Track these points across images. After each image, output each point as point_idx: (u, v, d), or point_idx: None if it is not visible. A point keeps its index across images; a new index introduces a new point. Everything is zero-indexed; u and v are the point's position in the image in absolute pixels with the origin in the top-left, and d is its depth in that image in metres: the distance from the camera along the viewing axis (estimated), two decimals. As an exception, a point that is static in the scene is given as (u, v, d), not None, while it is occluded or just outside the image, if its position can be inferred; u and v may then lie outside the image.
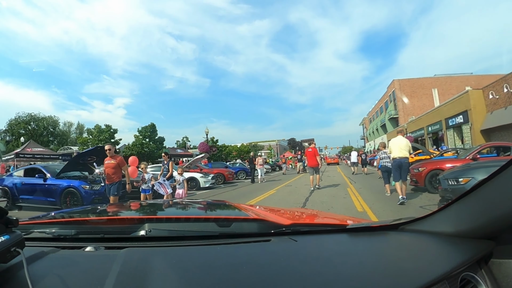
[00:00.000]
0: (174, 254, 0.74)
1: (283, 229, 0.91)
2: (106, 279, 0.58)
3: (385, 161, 7.54)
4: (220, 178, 14.49)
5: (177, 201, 2.37)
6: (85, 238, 0.89)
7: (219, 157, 32.70)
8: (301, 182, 12.77)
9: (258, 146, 44.65)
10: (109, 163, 6.02)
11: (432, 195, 6.90)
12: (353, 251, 0.80)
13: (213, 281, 0.61)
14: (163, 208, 1.57)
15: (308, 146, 10.30)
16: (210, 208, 1.62)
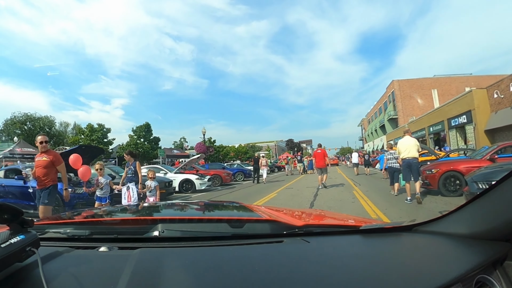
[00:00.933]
0: (187, 255, 0.74)
1: (295, 230, 0.90)
2: (120, 279, 0.58)
3: (391, 162, 7.54)
4: (217, 179, 13.84)
5: (190, 201, 2.30)
6: (99, 238, 0.89)
7: (216, 158, 32.07)
8: (303, 184, 12.18)
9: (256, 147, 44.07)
10: (40, 161, 4.29)
11: (446, 199, 6.43)
12: (366, 252, 0.78)
13: (225, 282, 0.60)
14: (176, 209, 1.58)
15: (317, 148, 10.63)
16: (222, 208, 1.62)
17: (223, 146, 33.30)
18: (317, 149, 10.36)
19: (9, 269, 0.58)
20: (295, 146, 54.18)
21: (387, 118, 40.12)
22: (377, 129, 45.97)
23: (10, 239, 0.59)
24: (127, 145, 24.15)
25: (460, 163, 7.36)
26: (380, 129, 44.79)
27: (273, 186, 12.35)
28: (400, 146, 6.46)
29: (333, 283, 0.60)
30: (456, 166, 7.22)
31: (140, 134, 24.17)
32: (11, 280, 0.58)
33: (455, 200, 6.15)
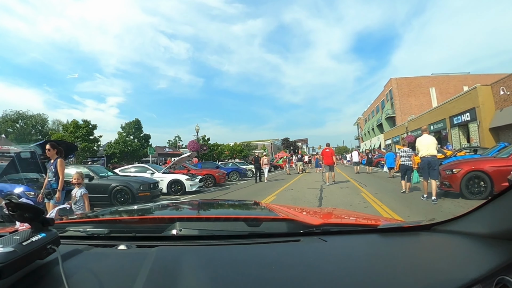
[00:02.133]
0: (204, 253, 0.74)
1: (313, 229, 0.89)
2: (137, 276, 0.59)
3: (404, 159, 7.52)
4: (210, 180, 12.83)
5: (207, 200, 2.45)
6: (118, 236, 0.90)
7: (210, 156, 31.00)
8: (304, 185, 11.23)
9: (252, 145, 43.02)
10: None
11: (470, 202, 5.72)
12: (384, 252, 0.77)
13: (242, 280, 0.60)
14: (193, 208, 1.59)
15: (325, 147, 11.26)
16: (239, 207, 1.65)
17: (217, 144, 32.14)
18: (325, 148, 10.94)
19: (31, 266, 0.60)
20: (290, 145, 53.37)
21: (384, 117, 39.56)
22: (374, 128, 45.44)
23: (32, 237, 0.61)
24: (115, 142, 22.85)
25: (485, 162, 6.51)
26: (377, 128, 44.26)
27: (272, 187, 11.40)
28: (419, 144, 6.27)
29: (350, 282, 0.59)
30: (480, 165, 6.36)
31: (129, 131, 22.85)
32: (32, 276, 0.59)
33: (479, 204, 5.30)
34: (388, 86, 39.71)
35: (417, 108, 34.79)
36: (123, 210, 1.52)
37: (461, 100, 18.90)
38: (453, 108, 19.72)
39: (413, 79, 37.52)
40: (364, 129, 54.39)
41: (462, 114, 18.64)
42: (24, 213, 0.63)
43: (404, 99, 37.21)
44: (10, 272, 0.54)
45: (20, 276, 0.57)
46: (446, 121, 20.70)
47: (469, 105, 17.96)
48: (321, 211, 1.48)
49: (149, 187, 8.44)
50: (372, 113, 48.97)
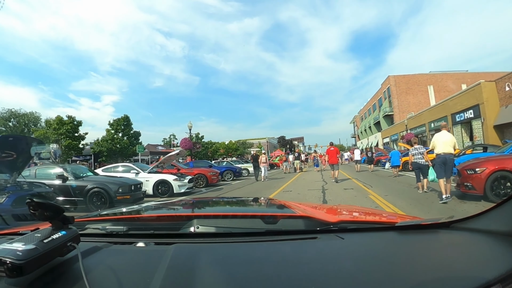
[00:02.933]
0: (221, 251, 0.74)
1: (330, 227, 0.89)
2: (155, 273, 0.59)
3: (417, 157, 7.19)
4: (202, 180, 11.89)
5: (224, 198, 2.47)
6: (136, 234, 0.91)
7: (204, 155, 30.03)
8: (303, 185, 10.35)
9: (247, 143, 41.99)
10: None
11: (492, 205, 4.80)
12: (402, 250, 0.77)
13: (259, 277, 0.60)
14: (210, 205, 1.62)
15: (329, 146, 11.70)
16: (256, 205, 1.63)
17: (211, 142, 31.08)
18: (330, 147, 11.31)
19: (51, 262, 0.61)
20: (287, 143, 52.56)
21: (382, 115, 39.01)
22: (371, 126, 44.90)
23: (52, 235, 0.62)
24: (103, 140, 21.63)
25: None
26: (374, 126, 43.74)
27: (269, 187, 10.51)
28: (436, 140, 5.96)
29: (368, 280, 0.58)
30: (508, 164, 5.56)
31: (117, 128, 21.63)
32: (53, 272, 0.61)
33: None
34: (385, 84, 39.15)
35: (415, 106, 34.31)
36: (142, 207, 1.55)
37: (464, 97, 18.25)
38: (455, 105, 19.08)
39: (411, 77, 37.03)
40: (361, 127, 53.88)
41: (465, 111, 18.00)
42: (45, 211, 0.65)
43: (402, 96, 36.69)
44: (32, 268, 0.55)
45: (41, 273, 0.59)
46: (448, 118, 20.05)
47: (473, 102, 17.32)
48: (337, 208, 1.48)
49: (129, 189, 7.47)
50: (369, 111, 48.46)
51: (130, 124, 22.05)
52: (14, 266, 0.52)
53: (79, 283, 0.56)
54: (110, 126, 21.73)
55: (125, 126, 21.67)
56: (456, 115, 19.00)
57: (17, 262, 0.52)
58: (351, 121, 65.50)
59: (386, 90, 38.97)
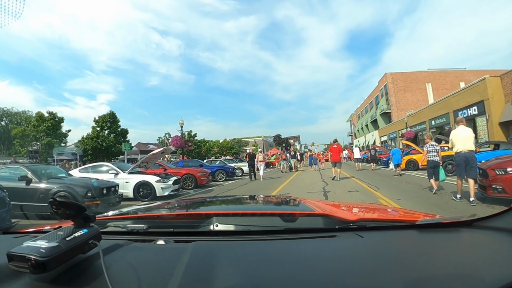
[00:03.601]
0: (240, 248, 0.74)
1: (349, 225, 0.88)
2: (175, 270, 0.60)
3: (432, 155, 6.75)
4: (191, 180, 10.86)
5: (243, 196, 2.41)
6: (156, 232, 0.92)
7: (198, 153, 28.95)
8: (302, 187, 9.40)
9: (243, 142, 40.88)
10: None
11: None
12: (423, 248, 0.74)
13: (278, 275, 0.60)
14: (229, 203, 1.61)
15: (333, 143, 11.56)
16: (275, 203, 1.65)
17: (205, 140, 29.95)
18: (333, 145, 11.19)
19: (74, 259, 0.62)
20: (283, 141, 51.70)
21: (379, 113, 38.35)
22: (368, 124, 44.28)
23: (74, 233, 0.63)
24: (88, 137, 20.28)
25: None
26: (371, 124, 43.12)
27: (264, 189, 9.54)
28: (454, 137, 5.53)
29: (388, 279, 0.57)
30: (547, 164, 4.70)
31: (102, 125, 20.34)
32: (75, 269, 0.62)
33: None
34: (383, 81, 38.49)
35: (413, 104, 33.73)
36: (162, 206, 1.54)
37: (467, 93, 17.51)
38: (458, 102, 18.35)
39: (409, 74, 36.43)
40: (357, 125, 53.28)
41: (469, 108, 17.27)
42: (67, 210, 0.66)
43: (400, 94, 36.08)
44: (55, 265, 0.56)
45: (64, 269, 0.60)
46: (450, 115, 19.35)
47: (477, 98, 16.59)
48: (356, 206, 1.47)
49: (100, 192, 6.41)
50: (365, 109, 47.84)
51: (116, 121, 20.75)
52: (38, 263, 0.53)
53: (100, 279, 0.57)
54: (95, 123, 20.45)
55: (111, 123, 20.39)
56: (459, 112, 18.25)
57: (41, 259, 0.54)
58: (348, 120, 64.93)
59: (383, 87, 38.32)
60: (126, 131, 21.37)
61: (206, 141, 30.06)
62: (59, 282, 0.58)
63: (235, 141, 38.54)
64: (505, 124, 15.22)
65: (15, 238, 0.88)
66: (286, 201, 1.62)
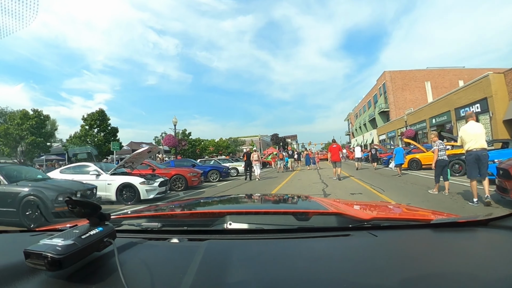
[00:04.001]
0: (253, 247, 0.74)
1: (363, 224, 0.88)
2: (188, 268, 0.60)
3: (442, 153, 6.40)
4: (181, 182, 10.15)
5: (256, 194, 2.44)
6: (170, 230, 0.92)
7: (192, 153, 28.17)
8: (300, 188, 8.73)
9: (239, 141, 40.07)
10: None
11: None
12: (438, 248, 0.73)
13: (291, 274, 0.59)
14: (243, 202, 1.64)
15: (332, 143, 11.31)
16: (288, 201, 1.63)
17: (200, 139, 29.16)
18: (333, 144, 10.94)
19: (89, 257, 0.63)
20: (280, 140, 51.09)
21: (378, 111, 37.88)
22: (366, 123, 43.83)
23: (90, 231, 0.64)
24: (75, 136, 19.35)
25: None
26: (369, 123, 42.67)
27: (259, 191, 8.85)
28: (465, 134, 5.07)
29: (400, 278, 0.56)
30: None
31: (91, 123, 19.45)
32: (90, 267, 0.63)
33: None
34: (381, 80, 38.02)
35: (412, 102, 33.31)
36: (176, 204, 1.56)
37: (470, 90, 16.98)
38: (460, 99, 17.84)
39: (408, 73, 36.00)
40: (355, 124, 52.84)
41: (471, 105, 16.74)
42: (83, 209, 0.67)
43: (398, 93, 35.63)
44: (71, 262, 0.57)
45: (79, 266, 0.61)
46: (451, 113, 18.84)
47: (480, 95, 16.07)
48: (370, 204, 1.45)
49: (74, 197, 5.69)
50: (363, 108, 47.40)
51: (106, 119, 19.86)
52: (54, 260, 0.54)
53: (114, 276, 0.57)
54: (84, 121, 19.58)
55: (101, 121, 19.52)
56: (461, 110, 17.75)
57: (57, 256, 0.54)
58: (345, 119, 64.53)
59: (381, 86, 37.85)
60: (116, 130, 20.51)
61: (201, 140, 29.27)
62: (75, 279, 0.58)
63: (232, 140, 37.77)
64: (509, 122, 14.72)
65: (32, 236, 0.91)
66: (299, 199, 1.62)
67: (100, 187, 7.25)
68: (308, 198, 1.55)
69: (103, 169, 8.08)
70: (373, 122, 40.83)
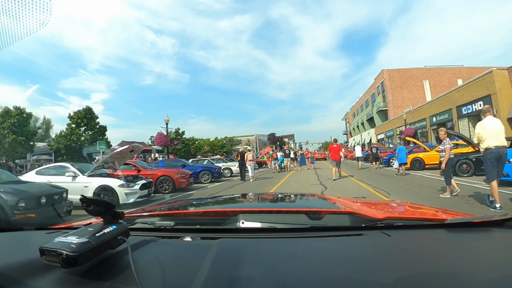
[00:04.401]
0: (266, 246, 0.74)
1: (376, 223, 0.87)
2: (201, 266, 0.60)
3: (451, 152, 5.88)
4: (168, 183, 9.39)
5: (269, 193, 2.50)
6: (183, 228, 0.92)
7: (187, 152, 27.40)
8: (296, 191, 8.01)
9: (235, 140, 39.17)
10: None
11: None
12: (452, 248, 0.72)
13: (303, 273, 0.59)
14: (255, 201, 1.63)
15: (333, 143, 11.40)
16: (301, 200, 1.63)
17: (194, 138, 28.33)
18: (333, 144, 10.98)
19: (103, 255, 0.63)
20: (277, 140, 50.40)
21: (376, 110, 37.38)
22: (364, 122, 43.34)
23: (104, 229, 0.64)
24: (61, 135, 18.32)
25: None
26: (367, 122, 42.19)
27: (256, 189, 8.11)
28: (482, 130, 4.55)
29: (414, 279, 0.55)
30: None
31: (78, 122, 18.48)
32: (104, 264, 0.63)
33: None
34: (379, 78, 37.53)
35: (410, 101, 32.85)
36: (189, 203, 1.58)
37: (472, 87, 16.43)
38: (462, 97, 17.29)
39: (406, 71, 35.55)
40: (353, 124, 52.37)
41: (474, 103, 16.21)
42: (97, 207, 0.67)
43: (396, 91, 35.17)
44: (85, 260, 0.57)
45: (93, 264, 0.61)
46: (453, 111, 18.30)
47: (483, 92, 15.53)
48: (383, 203, 1.41)
49: (37, 202, 4.91)
50: (361, 107, 46.94)
51: (94, 117, 18.92)
52: (69, 258, 0.55)
53: (128, 274, 0.58)
54: (70, 119, 18.63)
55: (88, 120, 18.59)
56: (463, 108, 17.22)
57: (71, 254, 0.55)
58: (343, 118, 64.08)
59: (379, 84, 37.36)
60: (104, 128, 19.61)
61: (196, 139, 28.42)
62: (89, 276, 0.59)
63: (227, 139, 36.89)
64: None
65: (47, 234, 0.91)
66: (311, 198, 1.57)
67: (76, 190, 6.49)
68: (321, 197, 1.53)
69: (81, 170, 7.31)
70: (371, 121, 40.36)
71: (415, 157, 12.03)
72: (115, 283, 0.57)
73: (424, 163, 11.77)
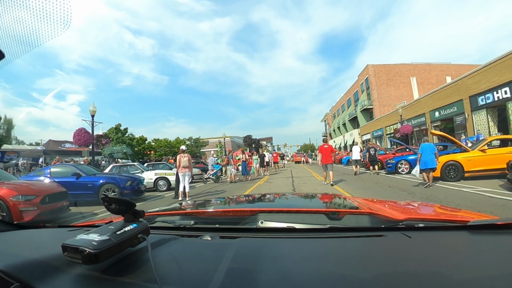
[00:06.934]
0: (284, 246, 0.74)
1: (397, 224, 0.86)
2: (220, 265, 0.61)
3: None
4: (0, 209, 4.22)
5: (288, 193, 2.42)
6: (203, 227, 0.95)
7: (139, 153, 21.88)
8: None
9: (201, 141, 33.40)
10: None
11: None
12: (475, 251, 0.71)
13: (322, 274, 0.59)
14: (274, 201, 1.62)
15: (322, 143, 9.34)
16: (320, 200, 1.62)
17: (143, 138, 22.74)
18: (324, 144, 9.19)
19: (123, 252, 0.65)
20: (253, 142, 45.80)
21: (360, 109, 34.03)
22: (346, 122, 40.04)
23: (124, 227, 0.66)
24: None
25: None
26: (349, 123, 38.91)
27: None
28: None
29: (434, 282, 0.54)
30: None
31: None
32: (124, 261, 0.65)
33: None
34: (363, 75, 34.38)
35: (397, 99, 29.79)
36: (208, 202, 1.60)
37: (493, 71, 12.80)
38: (477, 83, 13.66)
39: (392, 67, 32.69)
40: (333, 125, 49.17)
41: (496, 90, 12.56)
42: (118, 206, 0.69)
43: (382, 88, 32.11)
44: (106, 257, 0.59)
45: (114, 261, 0.63)
46: (464, 103, 14.67)
47: (508, 76, 11.93)
48: (404, 204, 1.37)
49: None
50: (342, 107, 43.79)
51: None
52: (90, 255, 0.56)
53: (147, 271, 0.60)
54: None
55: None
56: (479, 97, 13.58)
57: (93, 251, 0.56)
58: (322, 119, 61.00)
59: (364, 81, 34.19)
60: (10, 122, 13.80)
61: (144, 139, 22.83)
62: (109, 273, 0.60)
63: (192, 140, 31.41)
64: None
65: (70, 231, 0.95)
66: (331, 198, 1.57)
67: None
68: (340, 197, 1.54)
69: None
70: (354, 121, 37.09)
71: (448, 160, 7.79)
72: (135, 280, 0.58)
73: (463, 169, 7.57)
